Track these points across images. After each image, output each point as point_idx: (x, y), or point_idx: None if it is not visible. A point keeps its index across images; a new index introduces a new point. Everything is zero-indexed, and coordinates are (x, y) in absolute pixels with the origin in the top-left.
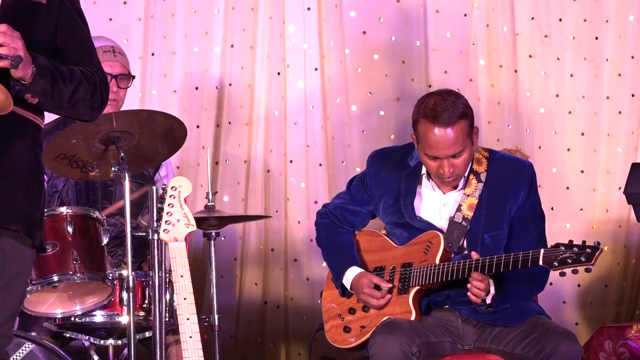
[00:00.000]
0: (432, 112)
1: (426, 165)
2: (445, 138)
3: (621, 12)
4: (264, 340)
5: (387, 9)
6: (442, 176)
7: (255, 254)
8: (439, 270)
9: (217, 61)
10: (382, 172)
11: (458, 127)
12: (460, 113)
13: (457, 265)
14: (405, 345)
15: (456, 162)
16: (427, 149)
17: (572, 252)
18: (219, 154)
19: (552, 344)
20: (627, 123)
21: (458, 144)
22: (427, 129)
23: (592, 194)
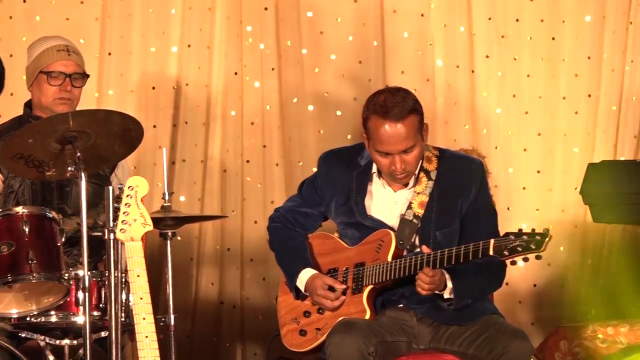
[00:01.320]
0: (382, 108)
1: (377, 163)
2: (397, 133)
3: (578, 13)
4: (220, 340)
5: (344, 9)
6: (394, 173)
7: (211, 254)
8: (391, 267)
9: (174, 61)
10: (333, 172)
11: (408, 121)
12: (410, 108)
13: (409, 261)
14: (362, 345)
15: (407, 158)
16: (379, 145)
17: (521, 240)
18: (176, 153)
19: (503, 343)
20: (584, 123)
21: (409, 139)
22: (378, 125)
23: (548, 194)
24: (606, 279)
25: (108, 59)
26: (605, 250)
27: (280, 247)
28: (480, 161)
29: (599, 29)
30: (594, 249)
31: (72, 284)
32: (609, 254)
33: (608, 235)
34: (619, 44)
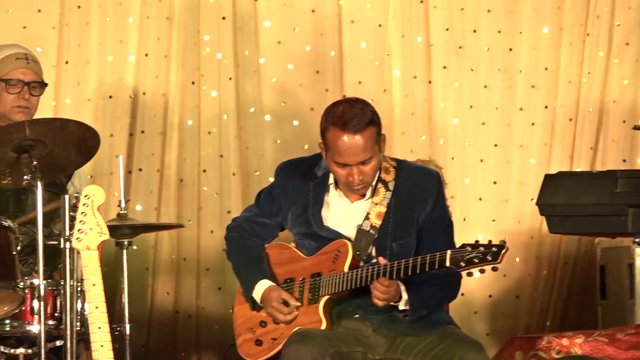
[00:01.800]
0: (340, 119)
1: (335, 174)
2: (355, 145)
3: (535, 24)
4: (175, 349)
5: (302, 19)
6: (352, 184)
7: (167, 263)
8: (348, 278)
9: (131, 70)
10: (290, 183)
11: (367, 133)
12: (369, 120)
13: (366, 272)
14: (318, 355)
15: (365, 169)
16: (337, 156)
17: (478, 251)
18: (132, 162)
19: (459, 354)
20: (540, 134)
21: (367, 151)
22: (336, 137)
23: (504, 205)
24: (562, 289)
25: (65, 68)
26: (561, 261)
27: (237, 257)
28: (438, 172)
29: (556, 41)
30: (550, 260)
31: (27, 292)
32: (564, 265)
33: (564, 246)
34: (576, 55)
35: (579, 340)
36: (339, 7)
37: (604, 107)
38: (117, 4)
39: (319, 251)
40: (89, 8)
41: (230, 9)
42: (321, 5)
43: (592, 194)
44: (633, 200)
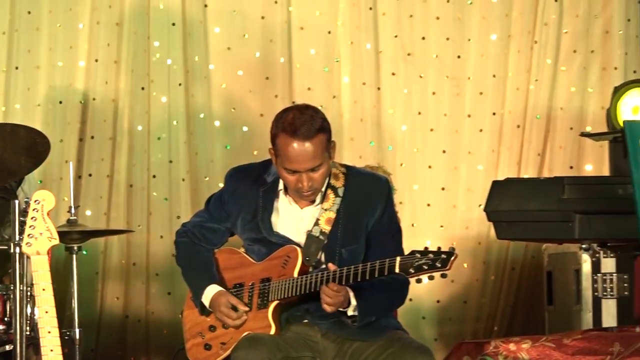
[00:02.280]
0: (290, 126)
1: (285, 180)
2: (304, 152)
3: (483, 32)
4: (124, 354)
5: (251, 26)
6: (301, 190)
7: (117, 268)
8: (297, 283)
9: (81, 75)
10: (240, 189)
11: (316, 140)
12: (319, 127)
13: (315, 277)
14: (267, 359)
15: (314, 175)
16: (287, 163)
17: (427, 258)
18: (82, 168)
19: (407, 359)
20: (488, 141)
21: (316, 158)
22: (286, 143)
23: (452, 211)
24: (509, 295)
25: (15, 73)
26: (508, 266)
27: (187, 263)
28: (386, 178)
29: (504, 48)
30: (497, 265)
31: None
32: (512, 271)
33: (511, 252)
34: (524, 62)
35: (526, 346)
36: (289, 13)
37: (551, 114)
38: (67, 9)
39: (268, 256)
40: (39, 14)
41: (180, 15)
42: (271, 12)
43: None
44: (580, 206)
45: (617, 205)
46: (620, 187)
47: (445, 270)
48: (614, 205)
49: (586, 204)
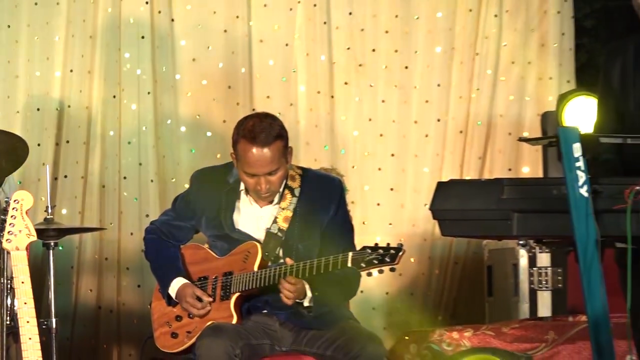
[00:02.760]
0: (250, 133)
1: (245, 182)
2: (263, 157)
3: (429, 44)
4: (97, 342)
5: (215, 39)
6: (259, 192)
7: (90, 263)
8: (257, 277)
9: (57, 84)
10: (204, 189)
11: (274, 147)
12: (277, 134)
13: (273, 271)
14: (230, 348)
15: (272, 179)
16: (246, 167)
17: (377, 253)
18: (58, 170)
19: (358, 346)
20: (433, 145)
21: (274, 163)
22: (246, 149)
23: (400, 210)
24: (452, 287)
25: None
26: (451, 261)
27: (155, 257)
28: (340, 180)
29: (448, 60)
30: (442, 260)
31: None
32: (455, 265)
33: (454, 247)
34: (466, 73)
35: (468, 334)
36: (249, 27)
37: (491, 120)
38: (44, 23)
39: (230, 252)
40: (18, 27)
41: (149, 28)
42: (232, 26)
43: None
44: (517, 205)
45: (551, 204)
46: (554, 188)
47: (394, 265)
48: (549, 205)
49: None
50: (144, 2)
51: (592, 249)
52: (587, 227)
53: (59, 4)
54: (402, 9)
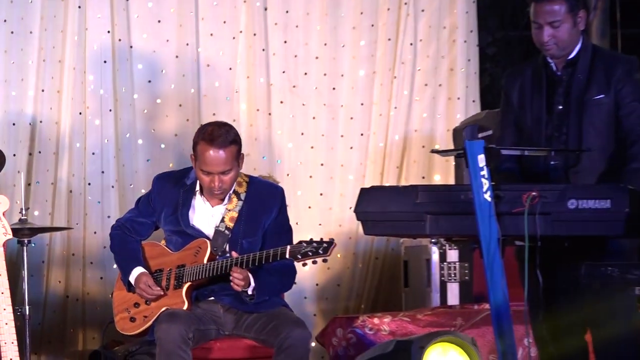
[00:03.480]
0: (209, 136)
1: (201, 180)
2: (218, 158)
3: (354, 68)
4: (65, 327)
5: (168, 63)
6: (213, 189)
7: (59, 258)
8: (206, 268)
9: (30, 103)
10: (164, 189)
11: (229, 150)
12: (232, 140)
13: (221, 263)
14: (184, 332)
15: (225, 178)
16: (203, 165)
17: (312, 246)
18: (31, 177)
19: (287, 330)
20: (357, 156)
21: (227, 164)
22: (204, 150)
23: (328, 212)
24: (373, 279)
25: None
26: (373, 256)
27: (118, 250)
28: (282, 188)
29: (370, 82)
30: (364, 255)
31: None
32: (375, 260)
33: (375, 245)
34: (386, 93)
35: (387, 320)
36: (198, 53)
37: (407, 135)
38: (19, 49)
39: (183, 247)
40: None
41: (111, 54)
42: (183, 53)
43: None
44: (430, 208)
45: (459, 208)
46: (462, 193)
47: (326, 256)
48: (457, 208)
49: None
50: (106, 31)
51: (494, 246)
52: (490, 227)
53: (32, 33)
54: (330, 38)
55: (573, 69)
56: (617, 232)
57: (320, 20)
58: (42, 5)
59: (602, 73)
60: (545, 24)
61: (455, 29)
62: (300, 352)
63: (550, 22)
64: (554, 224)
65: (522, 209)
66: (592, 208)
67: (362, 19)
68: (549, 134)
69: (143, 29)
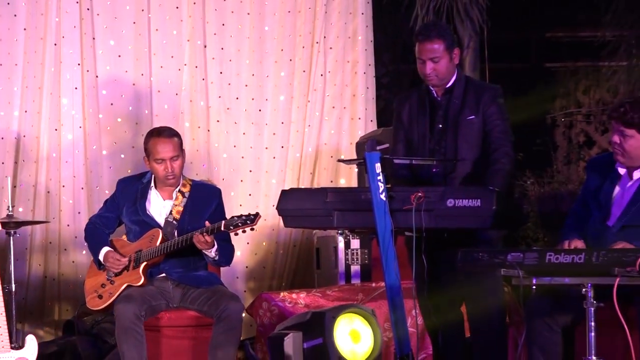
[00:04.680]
0: (157, 132)
1: (156, 171)
2: (167, 145)
3: (276, 94)
4: (44, 301)
5: (126, 89)
6: (167, 175)
7: (39, 245)
8: (159, 249)
9: (16, 121)
10: (126, 188)
11: (174, 140)
12: (174, 133)
13: (170, 243)
14: (137, 310)
15: (175, 164)
16: (156, 155)
17: (241, 219)
18: (16, 180)
19: (224, 303)
20: (279, 165)
21: (175, 150)
22: (155, 143)
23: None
24: (292, 262)
25: None
26: (291, 244)
27: (90, 239)
28: (219, 189)
29: (288, 105)
30: (285, 244)
31: None
32: (294, 247)
33: (293, 235)
34: (301, 114)
35: (303, 295)
36: (150, 82)
37: (319, 147)
38: (6, 78)
39: (141, 236)
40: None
41: (80, 82)
42: (139, 81)
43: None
44: (337, 206)
45: (361, 205)
46: (363, 194)
47: (253, 225)
48: (359, 206)
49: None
50: (76, 64)
51: (388, 236)
52: (385, 221)
53: (17, 65)
54: (257, 70)
55: (450, 95)
56: (485, 225)
57: (249, 55)
58: (25, 42)
59: (473, 98)
60: (428, 59)
61: (356, 63)
62: (235, 321)
63: (431, 58)
64: (436, 219)
65: (411, 207)
66: (466, 206)
67: (283, 54)
68: (432, 147)
69: (107, 62)
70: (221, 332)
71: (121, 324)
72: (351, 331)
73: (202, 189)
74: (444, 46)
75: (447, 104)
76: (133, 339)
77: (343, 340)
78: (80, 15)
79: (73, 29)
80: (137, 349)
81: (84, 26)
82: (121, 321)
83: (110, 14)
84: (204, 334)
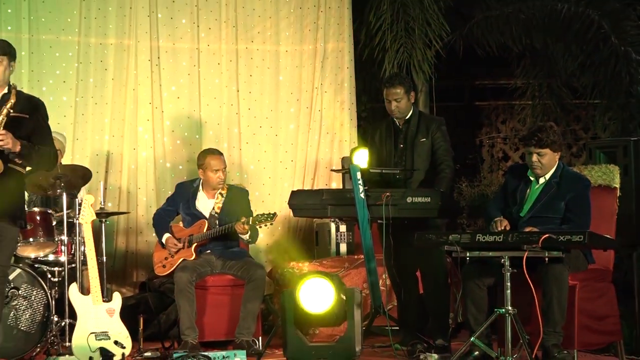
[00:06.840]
0: (210, 151)
1: (211, 179)
2: (220, 160)
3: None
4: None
5: (182, 121)
6: (220, 181)
7: (123, 229)
8: (205, 235)
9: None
10: (182, 190)
11: (222, 156)
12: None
13: (214, 230)
14: (189, 276)
15: (224, 174)
16: (213, 166)
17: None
18: (107, 184)
19: (253, 269)
20: (289, 173)
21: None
22: (211, 159)
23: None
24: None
25: None
26: (299, 228)
27: (157, 225)
28: (247, 190)
29: (296, 131)
30: (295, 228)
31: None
32: (300, 230)
33: (300, 222)
34: (305, 138)
35: (306, 264)
36: (200, 115)
37: (317, 161)
38: (100, 113)
39: (192, 225)
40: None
41: (151, 115)
42: (191, 115)
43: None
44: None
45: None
46: (348, 193)
47: (272, 222)
48: (346, 202)
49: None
50: (148, 103)
51: (366, 223)
52: (363, 212)
53: (107, 104)
54: (274, 107)
55: (408, 125)
56: (434, 215)
57: (269, 97)
58: (113, 88)
59: (424, 127)
60: (392, 100)
61: (343, 102)
62: (260, 282)
63: (395, 99)
64: (399, 211)
65: (381, 203)
66: (420, 202)
67: (292, 96)
68: (396, 161)
69: (169, 102)
70: (250, 290)
71: (178, 286)
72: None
73: (236, 191)
74: (404, 90)
75: (406, 131)
76: (187, 297)
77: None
78: (151, 69)
79: (146, 79)
80: (190, 303)
81: (154, 77)
82: (179, 284)
83: (172, 68)
84: (238, 292)
